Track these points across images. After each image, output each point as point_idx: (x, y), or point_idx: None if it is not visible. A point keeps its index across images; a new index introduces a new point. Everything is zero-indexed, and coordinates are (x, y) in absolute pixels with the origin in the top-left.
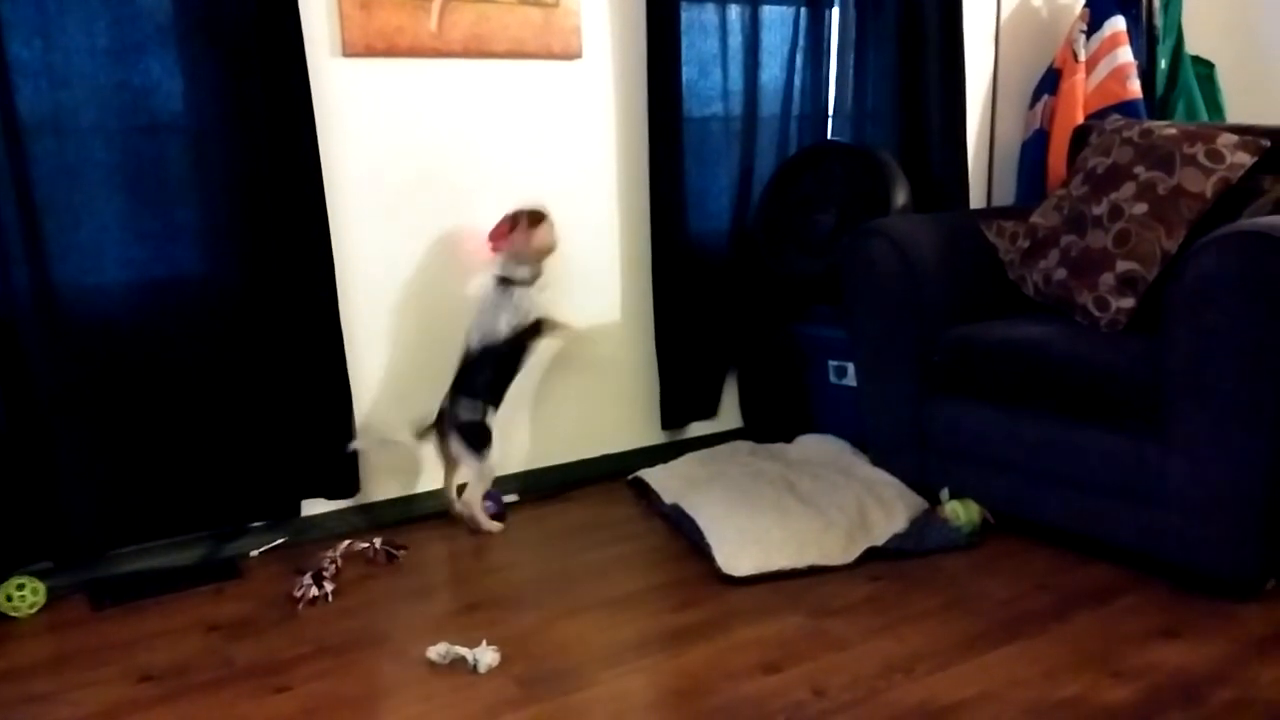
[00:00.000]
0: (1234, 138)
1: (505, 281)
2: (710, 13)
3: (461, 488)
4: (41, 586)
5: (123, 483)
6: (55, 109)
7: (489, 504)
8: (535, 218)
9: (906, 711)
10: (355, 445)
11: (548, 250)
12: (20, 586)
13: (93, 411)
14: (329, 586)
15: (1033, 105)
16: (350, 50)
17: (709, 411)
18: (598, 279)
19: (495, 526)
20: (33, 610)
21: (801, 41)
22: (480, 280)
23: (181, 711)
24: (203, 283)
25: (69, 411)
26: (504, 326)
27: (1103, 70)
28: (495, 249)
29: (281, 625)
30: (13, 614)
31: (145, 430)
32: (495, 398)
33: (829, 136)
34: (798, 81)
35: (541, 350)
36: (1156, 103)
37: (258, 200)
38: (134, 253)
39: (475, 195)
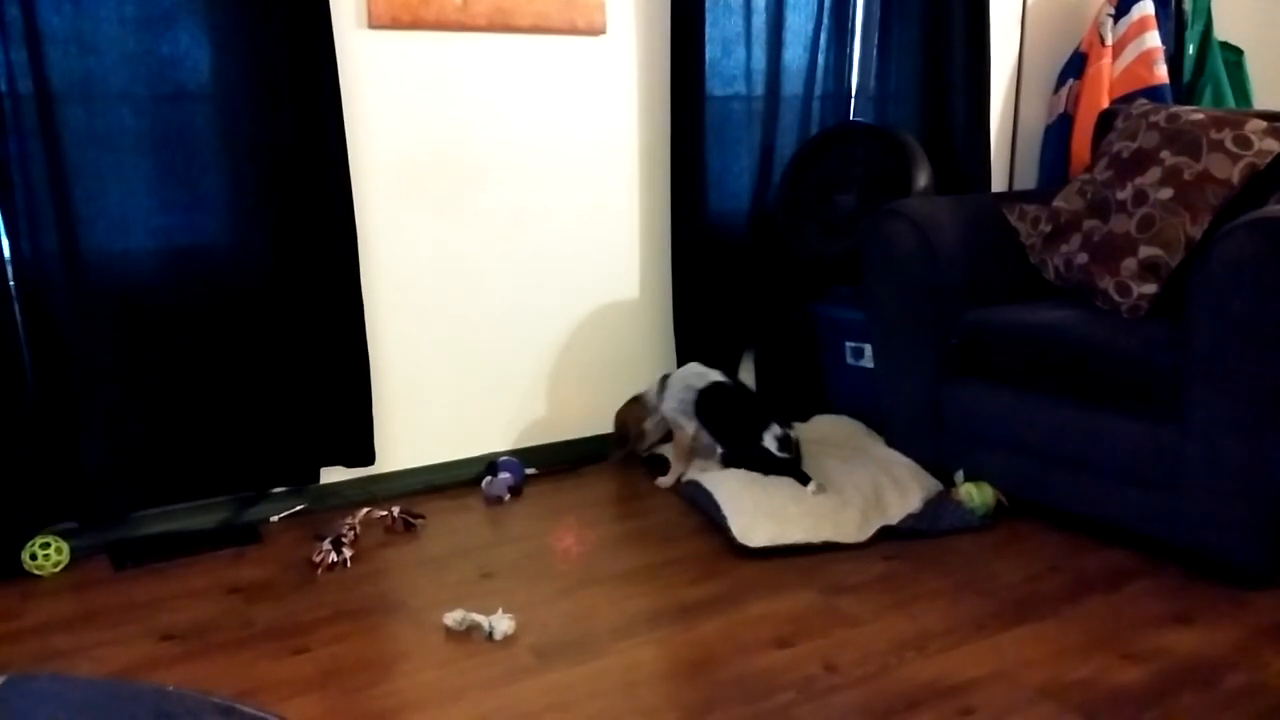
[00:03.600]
0: (1262, 124)
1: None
2: None
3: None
4: (65, 546)
5: (146, 446)
6: (84, 76)
7: (508, 475)
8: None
9: (917, 688)
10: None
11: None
12: (45, 545)
13: (118, 375)
14: (348, 552)
15: (1058, 89)
16: (376, 22)
17: None
18: (617, 257)
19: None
20: (56, 569)
21: (825, 21)
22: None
23: (202, 670)
24: (227, 251)
25: (95, 375)
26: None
27: (1130, 55)
28: None
29: (301, 589)
30: (37, 572)
31: (169, 395)
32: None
33: (851, 117)
34: (821, 61)
35: (559, 324)
36: (1183, 89)
37: (282, 171)
38: (160, 220)
39: (497, 169)
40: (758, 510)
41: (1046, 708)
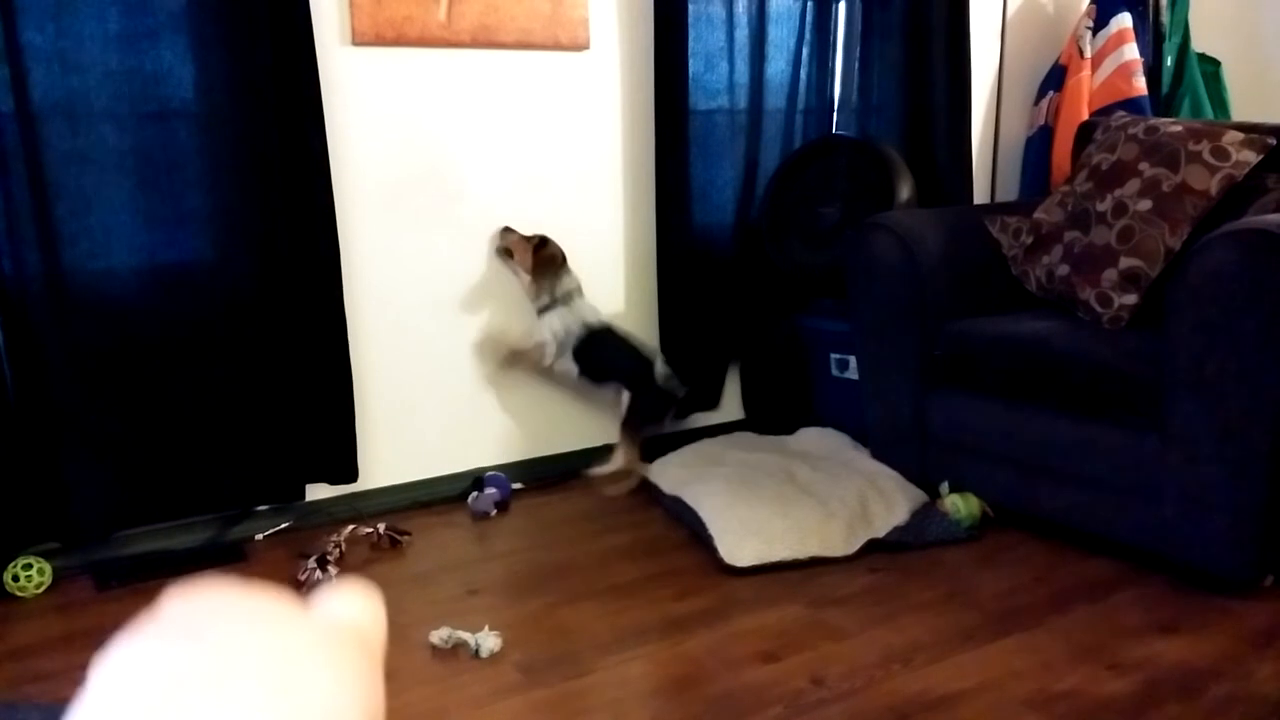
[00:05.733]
0: (1240, 135)
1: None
2: (718, 6)
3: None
4: (48, 567)
5: (129, 465)
6: (67, 94)
7: (494, 490)
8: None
9: (904, 701)
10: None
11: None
12: (27, 566)
13: (101, 394)
14: (333, 570)
15: (1038, 101)
16: (360, 39)
17: (711, 403)
18: (602, 270)
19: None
20: (39, 590)
21: (808, 35)
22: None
23: None
24: (210, 268)
25: (77, 394)
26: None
27: (1108, 67)
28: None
29: None
30: (19, 594)
31: (152, 413)
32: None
33: (834, 130)
34: (804, 75)
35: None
36: (1162, 100)
37: (265, 188)
38: (143, 238)
39: (481, 185)
40: (744, 529)
41: (1033, 719)
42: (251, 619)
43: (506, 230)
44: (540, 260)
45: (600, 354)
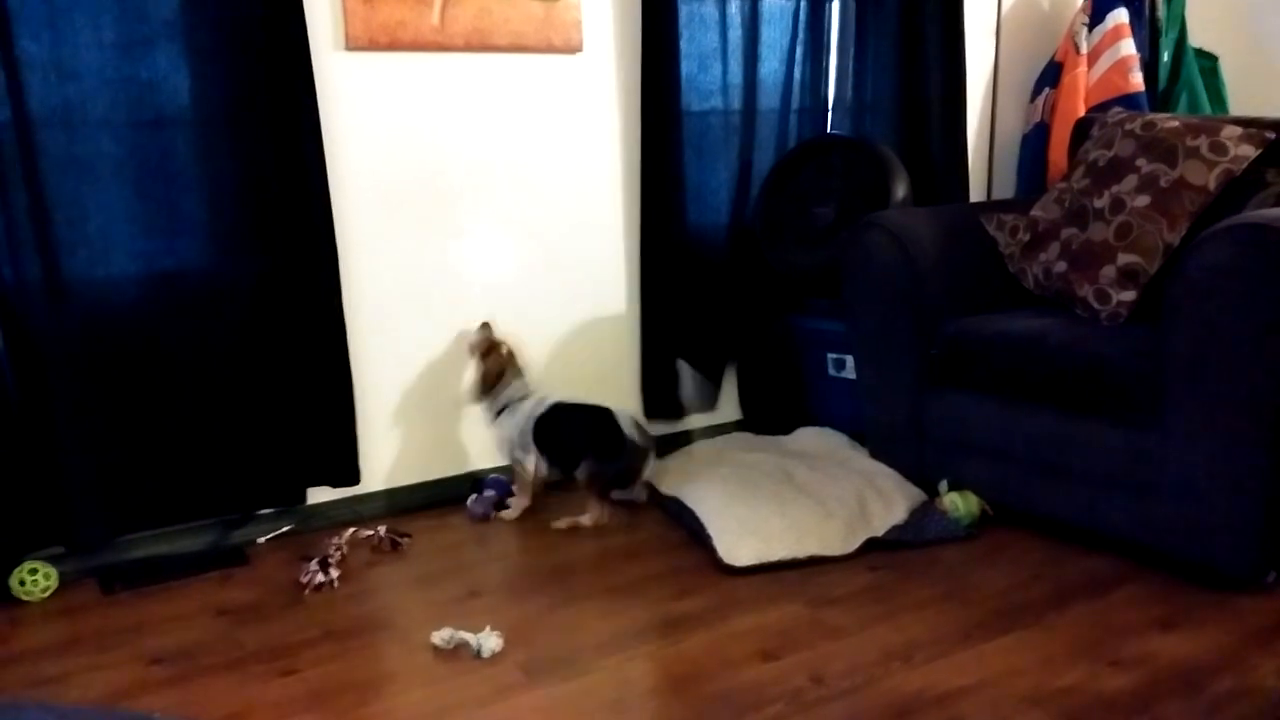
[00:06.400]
0: (1237, 130)
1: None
2: (710, 6)
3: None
4: (53, 571)
5: (133, 470)
6: (64, 102)
7: (492, 493)
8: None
9: (904, 699)
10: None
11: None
12: (33, 571)
13: (103, 401)
14: (335, 573)
15: (1034, 98)
16: (353, 44)
17: (708, 404)
18: (601, 272)
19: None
20: (45, 595)
21: (801, 35)
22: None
23: (191, 694)
24: (209, 275)
25: (79, 400)
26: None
27: (1105, 63)
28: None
29: (288, 610)
30: (25, 598)
31: (154, 419)
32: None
33: (829, 129)
34: (797, 75)
35: (542, 340)
36: (1159, 96)
37: (263, 194)
38: (141, 245)
39: (477, 188)
40: (742, 529)
41: (1033, 716)
42: None
43: (482, 327)
44: (483, 370)
45: (561, 437)
